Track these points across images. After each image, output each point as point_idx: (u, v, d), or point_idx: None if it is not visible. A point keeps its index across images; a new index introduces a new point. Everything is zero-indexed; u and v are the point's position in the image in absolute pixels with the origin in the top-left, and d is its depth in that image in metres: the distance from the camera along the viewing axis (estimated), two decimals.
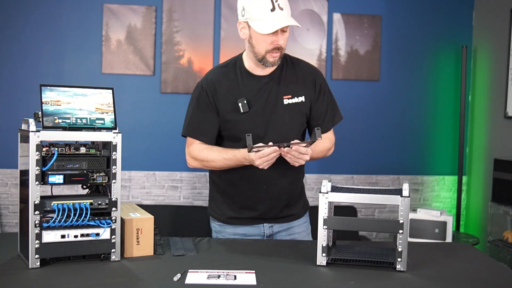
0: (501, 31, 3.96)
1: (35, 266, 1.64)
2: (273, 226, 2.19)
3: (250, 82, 2.08)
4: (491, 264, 1.88)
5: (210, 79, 2.11)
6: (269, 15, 1.91)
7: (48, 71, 3.92)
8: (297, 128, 2.13)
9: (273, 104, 2.07)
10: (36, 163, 1.62)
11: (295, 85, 2.10)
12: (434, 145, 4.31)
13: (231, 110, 2.07)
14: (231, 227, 2.20)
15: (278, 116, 2.08)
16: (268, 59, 1.99)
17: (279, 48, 1.97)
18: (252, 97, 2.07)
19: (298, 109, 2.10)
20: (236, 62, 2.13)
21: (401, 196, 1.70)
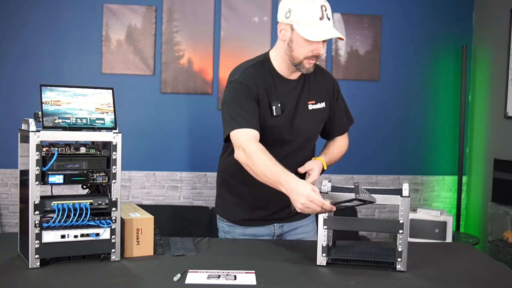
0: (501, 31, 3.96)
1: (35, 266, 1.64)
2: (283, 225, 2.18)
3: (282, 85, 2.04)
4: (491, 264, 1.88)
5: (248, 76, 1.98)
6: (318, 23, 1.88)
7: (48, 71, 3.93)
8: (316, 133, 2.16)
9: (300, 110, 2.06)
10: (36, 163, 1.62)
11: (318, 91, 2.10)
12: (434, 145, 4.32)
13: (264, 112, 2.00)
14: (241, 227, 2.18)
15: (303, 121, 2.06)
16: (305, 65, 1.95)
17: (317, 56, 1.95)
18: (284, 101, 2.03)
19: (320, 115, 2.11)
20: (264, 63, 2.05)
21: (401, 196, 1.70)
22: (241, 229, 2.18)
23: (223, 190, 2.21)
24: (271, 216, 2.16)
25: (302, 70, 1.98)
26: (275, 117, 2.01)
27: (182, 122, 4.08)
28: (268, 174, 1.79)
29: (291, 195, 1.71)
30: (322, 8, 1.88)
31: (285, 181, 1.74)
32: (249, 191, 2.12)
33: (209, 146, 4.05)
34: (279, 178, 1.75)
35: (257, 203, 2.13)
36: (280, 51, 2.01)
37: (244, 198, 2.15)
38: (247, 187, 2.11)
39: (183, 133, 4.08)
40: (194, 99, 4.06)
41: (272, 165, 1.80)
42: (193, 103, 4.07)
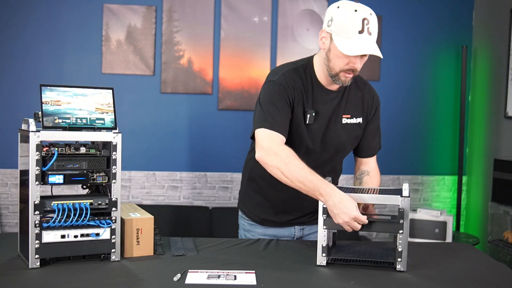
0: (501, 31, 3.96)
1: (35, 266, 1.64)
2: (304, 228, 2.17)
3: (320, 95, 1.97)
4: (491, 264, 1.88)
5: (288, 80, 1.94)
6: (356, 36, 1.80)
7: (48, 71, 3.93)
8: (348, 148, 2.09)
9: (333, 121, 2.00)
10: (36, 163, 1.62)
11: (356, 105, 2.04)
12: (434, 145, 4.32)
13: (298, 118, 1.96)
14: (262, 227, 2.17)
15: (336, 134, 2.01)
16: (341, 77, 1.89)
17: (353, 70, 1.88)
18: (319, 110, 1.98)
19: (354, 130, 2.05)
20: (307, 68, 2.00)
21: (401, 196, 1.70)
22: (262, 229, 2.17)
23: (249, 189, 2.19)
24: (294, 220, 2.15)
25: (337, 83, 1.91)
26: (307, 125, 1.96)
27: (182, 122, 4.08)
28: (305, 181, 1.75)
29: (333, 209, 1.70)
30: (364, 22, 1.81)
31: (325, 192, 1.71)
32: (275, 194, 2.09)
33: (209, 146, 4.05)
34: (319, 188, 1.73)
35: (282, 206, 2.12)
36: (320, 59, 1.96)
37: (269, 200, 2.12)
38: (273, 190, 2.08)
39: (183, 133, 4.08)
40: (194, 99, 4.06)
41: (309, 173, 1.76)
42: (193, 103, 4.07)
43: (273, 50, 4.06)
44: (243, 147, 2.25)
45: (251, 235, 2.20)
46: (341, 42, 1.82)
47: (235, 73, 4.02)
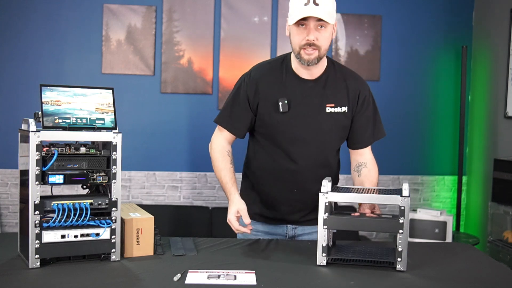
0: (501, 31, 3.96)
1: (35, 266, 1.63)
2: (297, 228, 2.17)
3: (294, 83, 2.03)
4: (491, 264, 1.88)
5: (254, 75, 2.05)
6: (303, 8, 1.86)
7: (48, 71, 3.93)
8: (335, 138, 2.09)
9: (315, 110, 2.02)
10: (36, 163, 1.62)
11: (339, 94, 2.05)
12: (434, 145, 4.32)
13: (270, 108, 2.02)
14: (255, 223, 2.17)
15: (319, 123, 2.03)
16: (302, 55, 1.93)
17: (311, 45, 1.90)
18: (294, 99, 2.01)
19: (340, 119, 2.05)
20: (284, 61, 2.07)
21: (401, 196, 1.70)
22: (255, 225, 2.18)
23: (244, 184, 2.24)
24: (283, 217, 2.15)
25: (302, 62, 1.95)
26: (282, 113, 2.00)
27: (182, 122, 4.08)
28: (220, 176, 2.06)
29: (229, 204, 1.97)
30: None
31: (228, 190, 2.01)
32: (264, 189, 2.13)
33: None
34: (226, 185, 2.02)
35: (271, 201, 2.14)
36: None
37: (259, 194, 2.16)
38: (262, 185, 2.13)
39: (183, 133, 4.08)
40: (194, 99, 4.06)
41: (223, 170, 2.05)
42: (193, 103, 4.07)
43: (273, 50, 4.06)
44: (243, 147, 2.26)
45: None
46: (291, 18, 1.91)
47: (235, 73, 4.02)
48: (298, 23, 1.90)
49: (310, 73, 2.03)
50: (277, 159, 2.06)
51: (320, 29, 1.91)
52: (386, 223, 1.74)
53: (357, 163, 2.18)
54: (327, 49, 1.96)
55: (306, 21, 1.89)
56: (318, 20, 1.88)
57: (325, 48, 1.94)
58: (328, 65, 2.07)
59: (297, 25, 1.91)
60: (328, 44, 1.96)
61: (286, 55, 2.09)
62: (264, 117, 2.03)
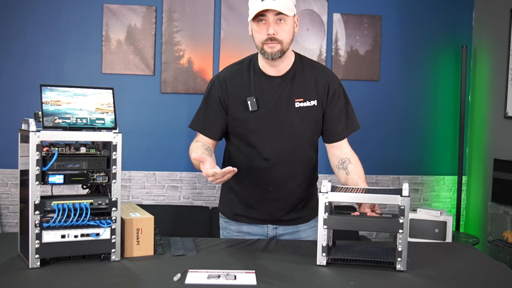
0: (501, 31, 3.96)
1: (35, 266, 1.63)
2: (278, 228, 2.17)
3: (262, 81, 2.06)
4: (491, 264, 1.88)
5: (223, 76, 2.10)
6: (259, 4, 1.90)
7: (48, 71, 3.93)
8: (307, 133, 2.09)
9: (284, 106, 2.04)
10: (36, 163, 1.62)
11: (307, 88, 2.06)
12: (434, 145, 4.32)
13: (240, 108, 2.05)
14: (236, 224, 2.19)
15: (288, 118, 2.04)
16: (266, 49, 1.96)
17: (272, 39, 1.94)
18: (263, 97, 2.04)
19: (310, 113, 2.06)
20: (251, 60, 2.11)
21: (401, 196, 1.70)
22: (236, 225, 2.19)
23: (223, 186, 2.24)
24: (263, 216, 2.16)
25: (266, 56, 1.98)
26: (252, 112, 2.03)
27: (182, 122, 4.08)
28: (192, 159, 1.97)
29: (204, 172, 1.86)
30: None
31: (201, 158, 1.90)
32: (242, 188, 2.14)
33: None
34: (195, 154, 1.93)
35: (249, 201, 2.14)
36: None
37: (238, 194, 2.16)
38: (239, 184, 2.14)
39: (183, 133, 4.08)
40: (194, 99, 4.06)
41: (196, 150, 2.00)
42: (193, 103, 4.07)
43: None
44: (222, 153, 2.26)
45: (227, 233, 2.22)
46: (249, 15, 1.95)
47: None
48: (257, 19, 1.94)
49: (277, 70, 2.05)
50: (251, 158, 2.07)
51: (280, 22, 1.94)
52: (386, 223, 1.74)
53: (339, 159, 2.15)
54: (289, 42, 1.99)
55: (265, 16, 1.92)
56: (277, 14, 1.91)
57: (287, 41, 1.97)
58: (296, 61, 2.10)
59: (257, 22, 1.94)
60: (290, 37, 1.99)
61: (254, 55, 2.12)
62: (235, 117, 2.06)
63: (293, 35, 2.01)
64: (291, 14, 1.93)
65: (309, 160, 2.15)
